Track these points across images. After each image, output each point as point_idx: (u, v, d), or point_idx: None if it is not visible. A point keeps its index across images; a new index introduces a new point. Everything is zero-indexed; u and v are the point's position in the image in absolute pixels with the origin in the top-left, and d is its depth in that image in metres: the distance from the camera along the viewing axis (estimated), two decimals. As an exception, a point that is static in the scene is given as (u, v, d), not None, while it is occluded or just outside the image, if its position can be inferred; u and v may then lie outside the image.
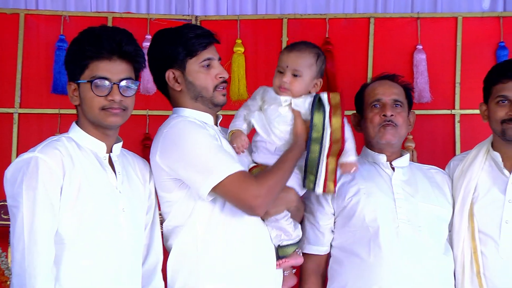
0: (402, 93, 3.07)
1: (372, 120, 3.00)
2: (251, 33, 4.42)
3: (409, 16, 4.42)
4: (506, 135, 2.92)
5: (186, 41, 2.65)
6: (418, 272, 2.78)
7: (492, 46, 4.34)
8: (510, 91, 2.91)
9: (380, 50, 4.37)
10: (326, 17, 4.41)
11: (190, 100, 2.70)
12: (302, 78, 2.76)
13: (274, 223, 2.68)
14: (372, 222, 2.85)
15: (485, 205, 2.93)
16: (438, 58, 4.35)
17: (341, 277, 2.87)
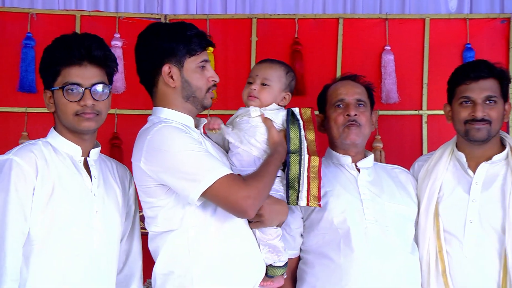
0: (365, 93, 3.09)
1: (336, 120, 3.02)
2: (220, 32, 4.41)
3: (378, 17, 4.45)
4: (469, 135, 2.95)
5: (188, 39, 2.62)
6: (386, 271, 2.80)
7: (459, 47, 4.38)
8: (473, 92, 2.94)
9: (348, 50, 4.39)
10: (295, 17, 4.42)
11: (181, 99, 2.65)
12: (271, 88, 2.79)
13: (267, 241, 2.66)
14: (341, 224, 2.86)
15: (450, 205, 2.97)
16: (406, 59, 4.38)
17: (310, 279, 2.89)
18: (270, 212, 2.60)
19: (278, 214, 2.65)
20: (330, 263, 2.83)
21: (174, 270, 2.54)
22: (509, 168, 2.94)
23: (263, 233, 2.65)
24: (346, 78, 3.16)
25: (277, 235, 2.67)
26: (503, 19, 4.40)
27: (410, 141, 4.37)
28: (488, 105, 2.93)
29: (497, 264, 2.83)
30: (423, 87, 4.36)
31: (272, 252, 2.66)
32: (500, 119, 2.97)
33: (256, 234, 2.65)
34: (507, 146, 3.00)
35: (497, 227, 2.86)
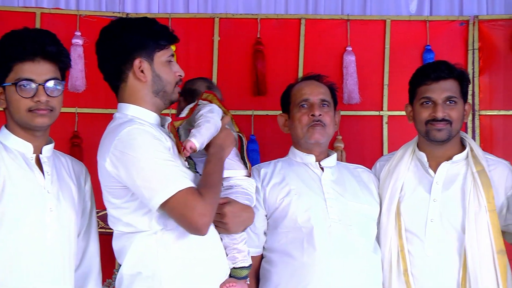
0: (328, 93, 3.11)
1: (300, 120, 3.03)
2: (182, 31, 4.37)
3: (339, 18, 4.47)
4: (430, 135, 2.99)
5: (157, 33, 2.57)
6: (349, 270, 2.82)
7: (419, 49, 4.43)
8: (434, 92, 2.98)
9: (310, 51, 4.41)
10: (257, 17, 4.42)
11: (151, 94, 2.58)
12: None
13: (233, 246, 2.64)
14: (305, 222, 2.87)
15: (411, 204, 3.00)
16: (367, 60, 4.41)
17: (274, 277, 2.89)
18: (235, 221, 2.61)
19: (243, 222, 2.66)
20: (293, 262, 2.84)
21: (142, 271, 2.49)
22: (469, 168, 2.97)
23: (228, 238, 2.64)
24: (310, 78, 3.17)
25: (242, 239, 2.67)
26: (462, 21, 4.46)
27: (370, 141, 4.40)
28: (449, 105, 2.97)
29: (457, 262, 2.87)
30: (383, 88, 4.40)
31: (237, 254, 2.65)
32: (460, 119, 3.01)
33: (222, 240, 2.64)
34: (467, 146, 3.04)
35: (457, 226, 2.89)
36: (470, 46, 4.42)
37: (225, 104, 2.81)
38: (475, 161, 2.98)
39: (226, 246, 2.64)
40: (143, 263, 2.49)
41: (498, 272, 2.82)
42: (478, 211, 2.88)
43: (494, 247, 2.84)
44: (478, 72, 4.39)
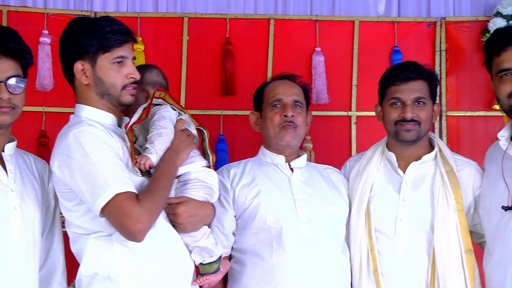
0: (301, 94, 3.12)
1: (272, 120, 3.03)
2: (151, 31, 4.38)
3: (308, 18, 4.49)
4: (399, 136, 3.00)
5: (101, 35, 2.52)
6: (317, 271, 2.83)
7: (387, 50, 4.47)
8: (403, 93, 2.99)
9: (279, 51, 4.42)
10: (226, 17, 4.42)
11: (96, 96, 2.56)
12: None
13: (194, 244, 2.61)
14: (274, 223, 2.88)
15: (380, 204, 3.01)
16: (335, 60, 4.44)
17: (242, 278, 2.89)
18: (190, 220, 2.58)
19: (200, 221, 2.62)
20: (262, 263, 2.84)
21: (99, 272, 2.47)
22: (438, 168, 3.00)
23: (188, 236, 2.60)
24: (284, 78, 3.17)
25: (202, 235, 2.63)
26: (429, 23, 4.51)
27: (339, 141, 4.43)
28: (418, 106, 2.99)
29: (426, 262, 2.89)
30: (352, 88, 4.42)
31: (201, 252, 2.62)
32: (429, 120, 3.03)
33: (183, 239, 2.60)
34: (435, 147, 3.07)
35: (426, 226, 2.91)
36: (437, 48, 4.47)
37: (194, 104, 2.80)
38: (444, 161, 3.01)
39: (187, 245, 2.61)
40: (99, 264, 2.47)
41: (466, 271, 2.85)
42: (447, 210, 2.90)
43: (462, 246, 2.87)
44: (445, 73, 4.44)
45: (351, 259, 2.99)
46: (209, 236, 2.65)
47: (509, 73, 2.73)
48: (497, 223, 2.77)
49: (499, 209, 2.74)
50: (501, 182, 2.78)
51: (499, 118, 4.33)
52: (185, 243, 2.61)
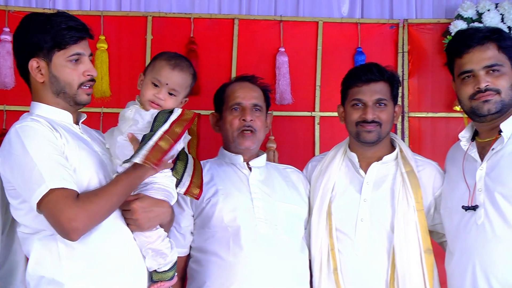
0: (261, 96, 3.12)
1: (231, 124, 3.04)
2: (115, 29, 4.35)
3: (272, 18, 4.50)
4: (360, 137, 3.03)
5: (56, 32, 2.46)
6: (275, 269, 2.84)
7: (350, 51, 4.50)
8: (364, 95, 3.01)
9: (244, 51, 4.43)
10: (191, 16, 4.42)
11: (51, 95, 2.51)
12: (177, 98, 2.67)
13: (148, 246, 2.53)
14: (231, 222, 2.88)
15: (342, 204, 3.02)
16: (299, 61, 4.46)
17: (200, 277, 2.88)
18: (146, 216, 2.50)
19: (156, 217, 2.54)
20: (220, 261, 2.84)
21: (44, 274, 2.40)
22: (399, 168, 3.02)
23: (142, 236, 2.53)
24: (244, 79, 3.17)
25: (157, 237, 2.56)
26: (392, 24, 4.55)
27: (303, 142, 4.45)
28: (379, 107, 3.01)
29: (385, 261, 2.91)
30: (316, 89, 4.44)
31: (155, 256, 2.55)
32: (390, 121, 3.06)
33: (135, 239, 2.53)
34: (396, 147, 3.09)
35: (386, 225, 2.93)
36: (400, 49, 4.51)
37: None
38: (404, 162, 3.03)
39: (141, 247, 2.53)
40: (45, 266, 2.39)
41: (425, 271, 2.87)
42: (407, 210, 2.93)
43: (422, 246, 2.89)
44: (407, 75, 4.49)
45: (312, 258, 3.00)
46: (165, 240, 2.59)
47: (471, 75, 2.76)
48: (457, 223, 2.79)
49: (460, 209, 2.76)
50: (462, 183, 2.81)
51: (460, 119, 4.39)
52: (139, 245, 2.53)
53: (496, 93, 2.72)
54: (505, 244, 2.60)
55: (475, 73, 2.74)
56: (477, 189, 2.73)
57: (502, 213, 2.62)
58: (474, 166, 2.78)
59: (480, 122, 2.81)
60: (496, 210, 2.64)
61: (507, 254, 2.60)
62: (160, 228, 2.58)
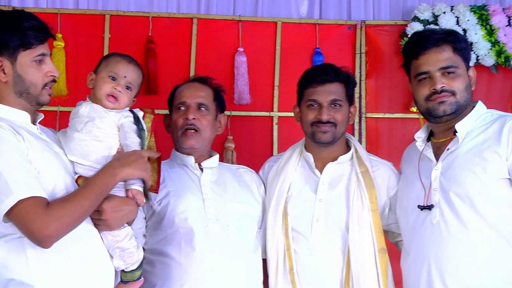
0: (210, 96, 3.11)
1: (176, 123, 3.05)
2: (72, 27, 4.30)
3: (231, 18, 4.49)
4: (315, 137, 3.04)
5: (23, 31, 2.42)
6: (226, 269, 2.84)
7: (309, 51, 4.51)
8: (320, 95, 3.03)
9: (202, 50, 4.41)
10: (149, 15, 4.39)
11: (13, 95, 2.46)
12: (132, 93, 2.67)
13: (116, 245, 2.52)
14: (182, 223, 2.87)
15: (298, 204, 3.03)
16: (258, 61, 4.45)
17: (151, 278, 2.86)
18: (115, 216, 2.48)
19: (125, 216, 2.53)
20: (171, 262, 2.83)
21: (12, 277, 2.35)
22: (354, 168, 3.04)
23: (110, 235, 2.52)
24: (195, 80, 3.18)
25: (125, 235, 2.56)
26: (350, 25, 4.58)
27: (261, 141, 4.44)
28: (334, 108, 3.02)
29: (340, 260, 2.92)
30: (274, 89, 4.44)
31: (123, 255, 2.55)
32: (345, 121, 3.08)
33: (103, 238, 2.52)
34: (352, 148, 3.11)
35: (341, 225, 2.95)
36: (358, 50, 4.54)
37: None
38: (359, 162, 3.05)
39: (109, 247, 2.53)
40: (12, 269, 2.34)
41: (379, 270, 2.90)
42: (361, 210, 2.95)
43: (376, 245, 2.92)
44: (365, 76, 4.51)
45: (267, 258, 3.00)
46: (132, 238, 2.59)
47: (427, 76, 2.78)
48: (413, 223, 2.82)
49: (416, 208, 2.79)
50: (418, 182, 2.84)
51: (416, 120, 4.42)
52: (107, 245, 2.52)
53: (451, 94, 2.75)
54: (459, 243, 2.63)
55: (431, 74, 2.77)
56: (433, 188, 2.75)
57: (457, 212, 2.65)
58: (430, 166, 2.81)
59: (436, 123, 2.84)
60: (451, 209, 2.67)
61: (461, 253, 2.63)
62: (128, 226, 2.58)
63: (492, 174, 2.62)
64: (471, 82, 2.83)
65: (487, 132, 2.71)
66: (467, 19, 4.46)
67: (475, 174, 2.64)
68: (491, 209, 2.61)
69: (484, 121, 2.76)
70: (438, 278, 2.66)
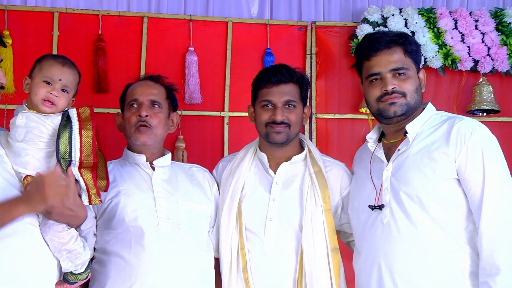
0: (162, 94, 3.10)
1: (129, 120, 3.02)
2: (19, 24, 4.23)
3: (182, 18, 4.48)
4: (269, 137, 3.05)
5: None
6: (178, 268, 2.83)
7: (260, 51, 4.53)
8: (274, 96, 3.04)
9: (153, 49, 4.40)
10: (99, 13, 4.35)
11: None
12: (69, 95, 2.65)
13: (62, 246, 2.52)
14: (133, 222, 2.85)
15: (251, 203, 3.04)
16: (209, 60, 4.45)
17: (101, 277, 2.83)
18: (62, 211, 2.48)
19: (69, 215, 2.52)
20: (121, 261, 2.81)
21: None
22: (307, 168, 3.06)
23: (55, 238, 2.51)
24: (147, 79, 3.16)
25: (70, 237, 2.55)
26: (301, 26, 4.60)
27: (212, 141, 4.44)
28: (288, 109, 3.04)
29: (293, 260, 2.93)
30: (225, 89, 4.44)
31: (70, 257, 2.55)
32: (299, 122, 3.09)
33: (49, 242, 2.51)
34: (305, 148, 3.13)
35: (295, 225, 2.96)
36: (308, 51, 4.57)
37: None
38: (313, 162, 3.07)
39: (55, 251, 2.53)
40: None
41: (331, 269, 2.92)
42: (315, 210, 2.96)
43: (329, 245, 2.94)
44: (315, 76, 4.54)
45: (220, 257, 3.00)
46: (78, 239, 2.59)
47: (378, 78, 2.81)
48: (364, 222, 2.84)
49: (367, 208, 2.82)
50: (369, 183, 2.86)
51: (365, 120, 4.48)
52: (53, 249, 2.52)
53: (402, 95, 2.78)
54: (409, 243, 2.66)
55: (382, 75, 2.80)
56: (383, 189, 2.78)
57: (407, 212, 2.68)
58: (381, 167, 2.84)
59: (387, 123, 2.87)
60: (401, 209, 2.70)
61: (410, 252, 2.66)
62: (72, 228, 2.56)
63: (441, 175, 2.66)
64: (422, 84, 2.87)
65: (437, 133, 2.75)
66: (415, 21, 4.53)
67: (424, 174, 2.68)
68: (440, 209, 2.65)
69: (434, 123, 2.80)
70: (388, 277, 2.69)
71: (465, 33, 4.57)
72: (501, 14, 4.64)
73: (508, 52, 4.55)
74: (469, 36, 4.56)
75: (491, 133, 2.73)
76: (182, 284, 2.82)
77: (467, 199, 2.64)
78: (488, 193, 2.58)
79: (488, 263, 2.54)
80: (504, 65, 4.55)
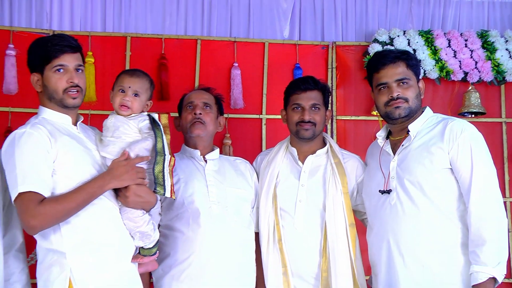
0: (212, 100, 3.11)
1: (186, 118, 3.04)
2: (100, 47, 4.28)
3: (228, 39, 4.47)
4: (299, 134, 3.05)
5: (43, 50, 2.46)
6: (225, 242, 2.84)
7: (290, 66, 4.50)
8: (302, 100, 3.04)
9: (205, 65, 4.40)
10: (162, 37, 4.37)
11: (47, 101, 2.50)
12: (141, 98, 2.64)
13: (136, 229, 2.53)
14: (190, 204, 2.87)
15: (284, 188, 3.04)
16: (250, 73, 4.44)
17: (165, 248, 2.87)
18: (135, 199, 2.48)
19: (142, 204, 2.52)
20: (181, 236, 2.83)
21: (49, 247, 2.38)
22: (329, 160, 3.05)
23: (131, 222, 2.52)
24: (200, 88, 3.19)
25: (143, 222, 2.55)
26: (323, 46, 4.57)
27: (252, 138, 4.42)
28: (314, 111, 3.04)
29: (319, 234, 2.93)
30: (263, 96, 4.44)
31: (142, 238, 2.56)
32: (323, 122, 3.09)
33: (125, 224, 2.53)
34: (327, 143, 3.12)
35: (319, 205, 2.96)
36: (330, 65, 4.53)
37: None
38: (333, 155, 3.06)
39: (130, 231, 2.54)
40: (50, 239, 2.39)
41: (349, 241, 2.91)
42: (335, 193, 2.96)
43: (347, 221, 2.93)
44: (335, 86, 4.51)
45: (260, 231, 3.01)
46: (149, 223, 2.59)
47: (386, 86, 2.80)
48: (375, 204, 2.84)
49: (377, 192, 2.81)
50: (379, 172, 2.85)
51: (376, 122, 4.44)
52: (128, 229, 2.54)
53: (405, 101, 2.77)
54: (412, 220, 2.66)
55: (389, 85, 2.79)
56: (391, 176, 2.77)
57: (410, 196, 2.68)
58: (388, 159, 2.83)
59: (393, 124, 2.85)
60: (405, 193, 2.69)
61: (413, 228, 2.66)
62: (146, 213, 2.58)
63: (437, 165, 2.65)
64: (421, 92, 2.85)
65: (433, 131, 2.74)
66: (416, 41, 4.49)
67: (424, 165, 2.67)
68: (437, 193, 2.64)
69: (431, 123, 2.79)
70: (396, 248, 2.69)
71: (457, 50, 4.51)
72: (486, 34, 4.58)
73: (492, 65, 4.49)
74: (460, 52, 4.50)
75: (478, 131, 2.71)
76: (229, 255, 2.84)
77: (459, 184, 2.63)
78: (475, 180, 2.57)
79: (476, 235, 2.53)
80: (489, 76, 4.49)
